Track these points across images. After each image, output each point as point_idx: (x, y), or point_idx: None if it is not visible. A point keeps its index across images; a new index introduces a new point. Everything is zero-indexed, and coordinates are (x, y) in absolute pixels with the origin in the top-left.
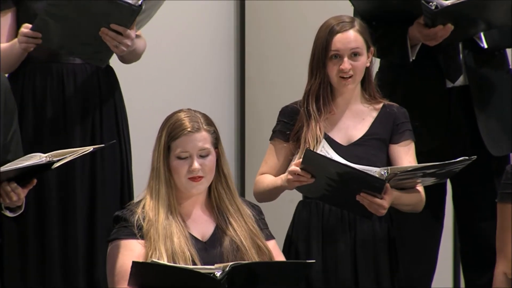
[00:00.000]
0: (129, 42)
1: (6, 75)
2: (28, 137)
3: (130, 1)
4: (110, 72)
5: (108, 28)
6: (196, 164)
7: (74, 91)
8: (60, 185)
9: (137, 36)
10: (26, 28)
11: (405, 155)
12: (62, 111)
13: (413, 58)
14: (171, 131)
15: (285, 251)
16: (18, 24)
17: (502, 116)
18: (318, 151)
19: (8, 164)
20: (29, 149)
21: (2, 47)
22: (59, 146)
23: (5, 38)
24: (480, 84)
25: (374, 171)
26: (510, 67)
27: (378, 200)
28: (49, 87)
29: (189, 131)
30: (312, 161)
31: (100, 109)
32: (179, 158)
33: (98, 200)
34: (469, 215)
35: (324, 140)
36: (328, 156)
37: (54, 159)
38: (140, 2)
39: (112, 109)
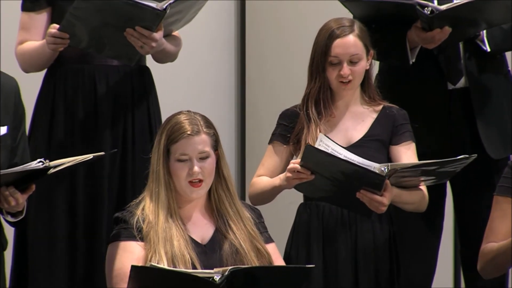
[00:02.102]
0: (153, 44)
1: (43, 72)
2: (59, 139)
3: (154, 5)
4: (145, 73)
5: (133, 29)
6: (196, 168)
7: (105, 93)
8: (88, 191)
9: (171, 36)
10: (53, 28)
11: (405, 155)
12: (93, 114)
13: (413, 60)
14: (170, 134)
15: (286, 253)
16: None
17: (501, 119)
18: (316, 146)
19: (9, 169)
20: (59, 152)
21: (35, 45)
22: (90, 149)
23: (40, 37)
24: (480, 87)
25: (374, 167)
26: (509, 68)
27: (378, 197)
28: (80, 89)
29: (189, 134)
30: (312, 157)
31: (132, 112)
32: (179, 161)
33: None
34: (469, 217)
35: (321, 134)
36: (329, 149)
37: (51, 164)
38: (165, 6)
39: (145, 112)
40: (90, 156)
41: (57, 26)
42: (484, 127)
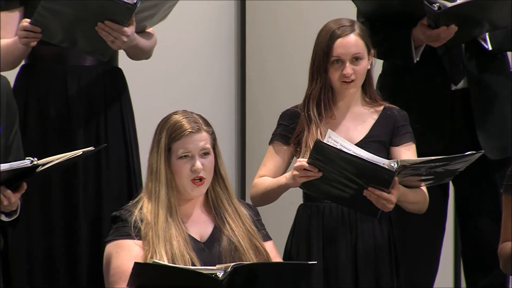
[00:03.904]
0: (125, 39)
1: (15, 71)
2: (32, 139)
3: None
4: (118, 74)
5: (104, 23)
6: (198, 164)
7: (77, 93)
8: (64, 191)
9: (145, 33)
10: (25, 22)
11: (405, 157)
12: (66, 113)
13: (417, 59)
14: (171, 133)
15: (286, 255)
16: None
17: (502, 120)
18: (325, 141)
19: None
20: (33, 151)
21: (7, 42)
22: (63, 148)
23: (13, 35)
24: (480, 87)
25: (383, 163)
26: (511, 70)
27: (385, 195)
28: (52, 89)
29: (190, 131)
30: (322, 152)
31: (105, 112)
32: (181, 158)
33: (103, 205)
34: (470, 217)
35: (329, 130)
36: (338, 145)
37: (40, 162)
38: (135, 0)
39: (118, 112)
40: (79, 152)
41: (29, 20)
42: (482, 128)
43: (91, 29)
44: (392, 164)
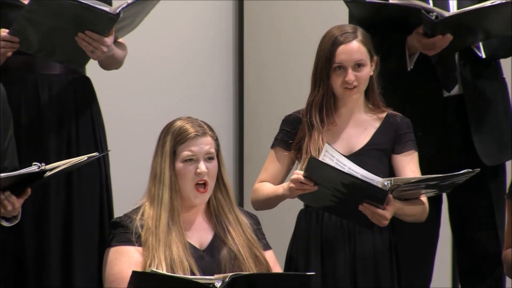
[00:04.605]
0: (105, 49)
1: None
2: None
3: (107, 9)
4: (87, 83)
5: (85, 33)
6: (203, 167)
7: (49, 102)
8: (34, 198)
9: (117, 43)
10: (3, 32)
11: (407, 165)
12: (37, 122)
13: (411, 67)
14: (176, 136)
15: (287, 259)
16: None
17: (496, 126)
18: (321, 156)
19: (4, 174)
20: (4, 159)
21: None
22: (35, 157)
23: None
24: (475, 94)
25: (377, 181)
26: (503, 76)
27: (380, 211)
28: (23, 98)
29: (196, 134)
30: (316, 169)
31: (76, 121)
32: (186, 161)
33: (74, 214)
34: (464, 224)
35: (327, 144)
36: (334, 160)
37: (47, 167)
38: (118, 10)
39: (89, 120)
40: (84, 157)
41: (7, 30)
42: (478, 134)
43: (70, 39)
44: (386, 183)
